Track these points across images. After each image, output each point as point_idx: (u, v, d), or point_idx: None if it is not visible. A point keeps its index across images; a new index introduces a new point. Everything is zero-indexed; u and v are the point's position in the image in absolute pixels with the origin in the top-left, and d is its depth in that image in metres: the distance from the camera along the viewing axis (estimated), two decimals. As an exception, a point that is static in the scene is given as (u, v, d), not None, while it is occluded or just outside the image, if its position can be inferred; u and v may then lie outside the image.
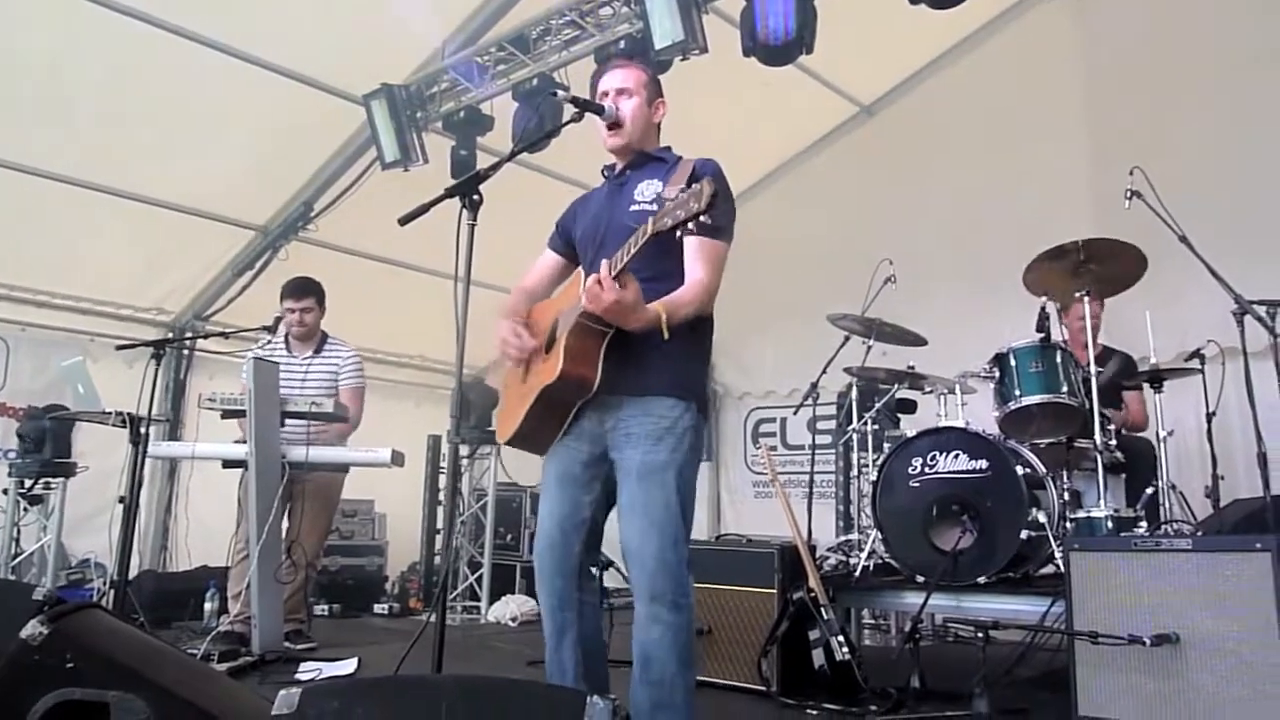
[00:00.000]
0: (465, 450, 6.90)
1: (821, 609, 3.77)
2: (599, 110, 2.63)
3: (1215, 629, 2.90)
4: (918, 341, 4.94)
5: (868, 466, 4.84)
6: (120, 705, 1.90)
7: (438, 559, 6.90)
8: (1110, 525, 3.84)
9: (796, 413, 5.68)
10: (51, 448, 5.44)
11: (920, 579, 3.99)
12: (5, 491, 5.57)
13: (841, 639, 3.69)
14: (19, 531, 5.60)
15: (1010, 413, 4.19)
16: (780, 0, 4.43)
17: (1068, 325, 4.88)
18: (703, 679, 3.70)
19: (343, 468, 5.02)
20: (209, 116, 5.78)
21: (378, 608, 6.87)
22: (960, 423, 4.18)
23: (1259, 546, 2.90)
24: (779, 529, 4.33)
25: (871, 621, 5.52)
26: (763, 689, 3.83)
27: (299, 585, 4.87)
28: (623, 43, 4.99)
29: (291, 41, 5.52)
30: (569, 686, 2.47)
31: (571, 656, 2.53)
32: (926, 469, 4.10)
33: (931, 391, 4.68)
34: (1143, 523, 3.99)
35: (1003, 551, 3.83)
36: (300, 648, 4.76)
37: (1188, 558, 3.02)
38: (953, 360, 4.76)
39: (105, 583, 5.52)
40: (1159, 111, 5.75)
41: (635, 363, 2.43)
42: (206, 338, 6.22)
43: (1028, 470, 3.94)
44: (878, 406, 4.98)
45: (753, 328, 7.16)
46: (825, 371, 5.00)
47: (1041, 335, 4.16)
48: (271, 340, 5.17)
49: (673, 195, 2.19)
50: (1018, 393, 4.15)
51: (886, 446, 4.64)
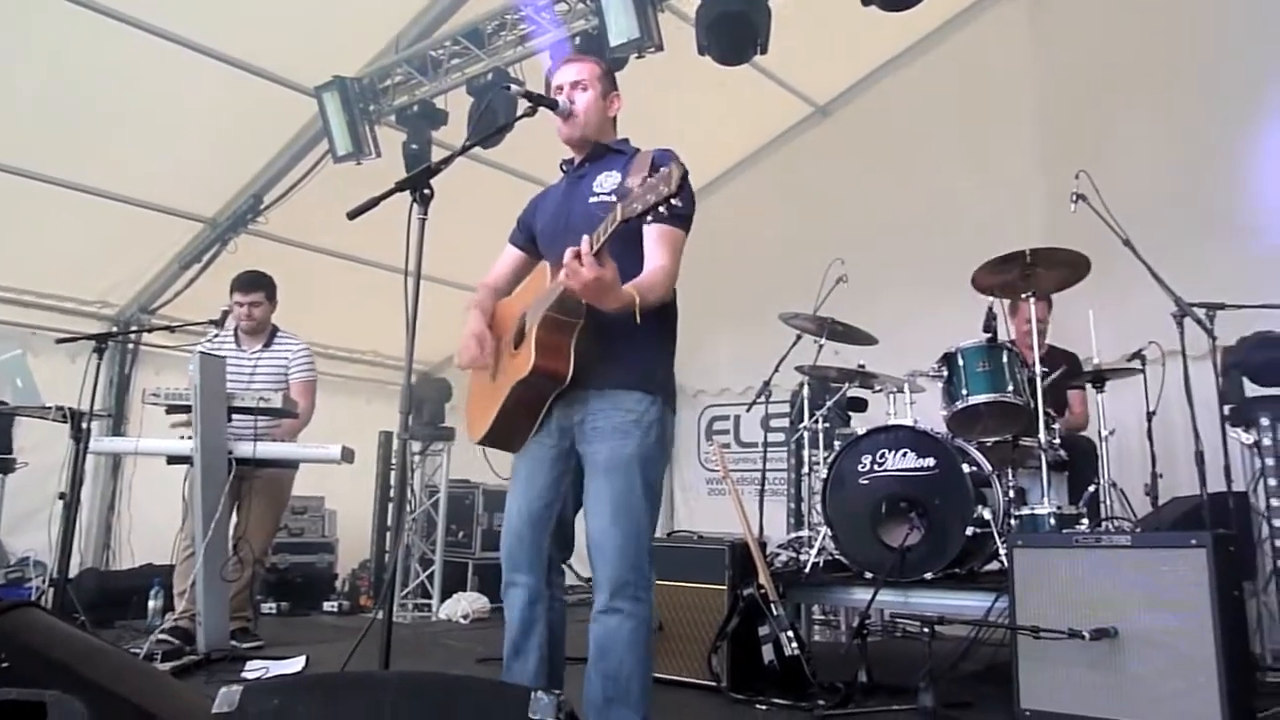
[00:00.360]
0: (417, 447, 6.85)
1: (771, 605, 3.80)
2: (553, 105, 2.62)
3: (1152, 623, 2.98)
4: (868, 340, 5.00)
5: (819, 464, 4.89)
6: (57, 705, 1.86)
7: (388, 556, 6.84)
8: (1053, 522, 3.91)
9: (749, 410, 5.73)
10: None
11: (869, 575, 4.04)
12: (-60, 488, 5.43)
13: (791, 635, 3.72)
14: (-45, 529, 5.47)
15: (958, 411, 4.25)
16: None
17: (1015, 327, 4.96)
18: (654, 675, 3.70)
19: (292, 464, 4.95)
20: (157, 106, 5.66)
21: (327, 606, 6.79)
22: (909, 421, 4.24)
23: (1194, 543, 2.98)
24: (731, 526, 4.35)
25: (821, 617, 5.57)
26: (713, 684, 3.84)
27: (245, 583, 4.80)
28: (578, 39, 4.98)
29: (242, 31, 5.42)
30: (517, 683, 2.46)
31: (535, 650, 2.52)
32: (876, 467, 4.15)
33: (881, 390, 4.74)
34: (1084, 520, 4.08)
35: (949, 548, 3.89)
36: (247, 646, 4.69)
37: (1127, 554, 3.10)
38: (902, 359, 4.81)
39: (45, 581, 5.39)
40: (1107, 115, 5.87)
41: (603, 356, 2.43)
42: (151, 331, 6.11)
43: (974, 468, 4.01)
44: (829, 405, 5.03)
45: (707, 325, 7.17)
46: (778, 370, 5.03)
47: (989, 335, 4.23)
48: (219, 334, 5.09)
49: (638, 182, 2.18)
50: (965, 392, 4.22)
51: (837, 444, 4.69)
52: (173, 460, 4.59)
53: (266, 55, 5.65)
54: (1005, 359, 4.22)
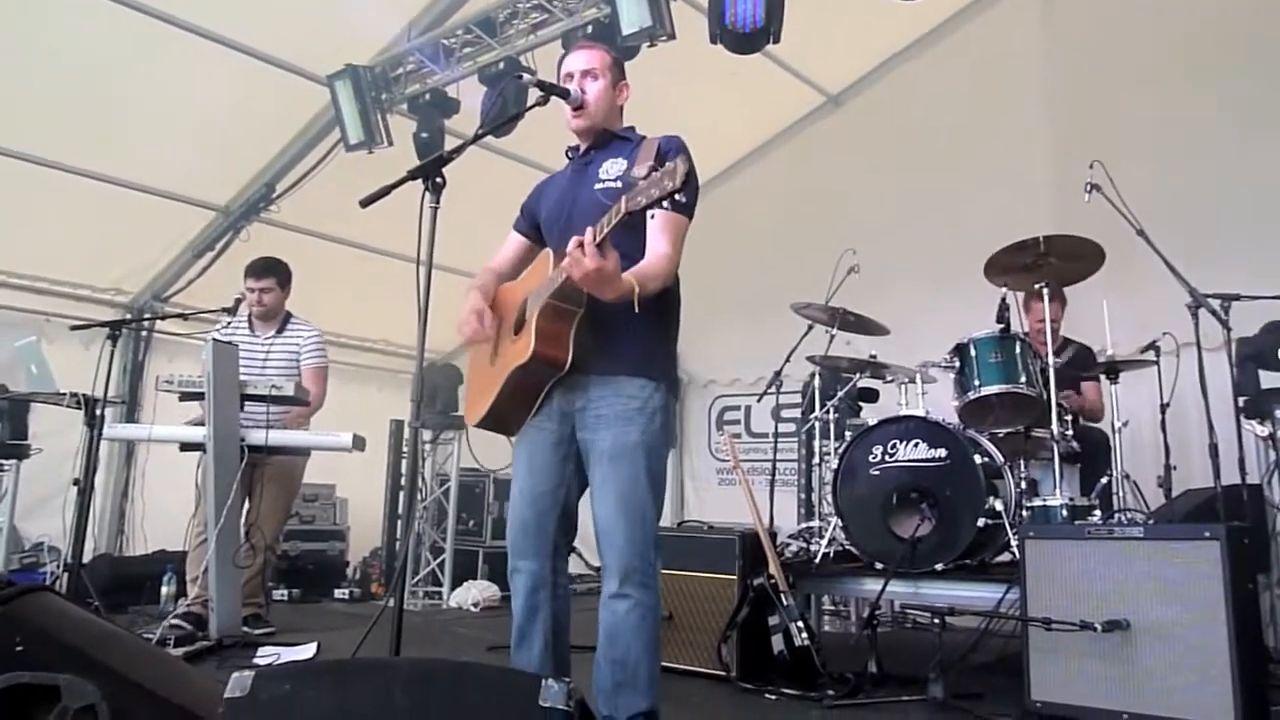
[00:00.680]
0: (428, 435, 6.86)
1: (781, 595, 3.80)
2: (564, 94, 2.62)
3: (1165, 615, 2.96)
4: (880, 331, 4.98)
5: (829, 454, 4.88)
6: (70, 688, 1.88)
7: (399, 544, 6.87)
8: (1065, 514, 3.89)
9: (760, 400, 5.71)
10: (6, 429, 5.34)
11: (879, 566, 4.03)
12: (-43, 474, 5.47)
13: (801, 625, 3.72)
14: (-30, 514, 5.51)
15: (969, 402, 4.23)
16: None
17: (1028, 323, 4.93)
18: (663, 664, 3.67)
19: (304, 451, 4.97)
20: (171, 95, 5.67)
21: (338, 593, 6.82)
22: (920, 412, 4.23)
23: (1208, 535, 2.96)
24: (741, 516, 4.34)
25: (831, 608, 5.58)
26: (722, 674, 3.85)
27: (257, 569, 4.82)
28: (590, 27, 4.97)
29: (255, 20, 5.43)
30: (529, 671, 2.47)
31: (540, 637, 2.52)
32: (887, 457, 4.14)
33: (893, 381, 4.73)
34: (1097, 511, 4.06)
35: (960, 539, 3.87)
36: (258, 632, 4.72)
37: (1139, 545, 3.08)
38: (914, 350, 4.81)
39: (59, 566, 5.43)
40: (1121, 105, 5.81)
41: (604, 342, 2.45)
42: (165, 319, 6.13)
43: (986, 459, 3.99)
44: (840, 395, 5.01)
45: (718, 315, 7.15)
46: (789, 360, 5.03)
47: (1001, 326, 4.21)
48: (233, 321, 5.10)
49: (643, 173, 2.20)
50: (977, 382, 4.20)
51: (848, 435, 4.68)
52: (186, 447, 4.62)
53: (279, 44, 5.66)
54: (1018, 350, 4.19)
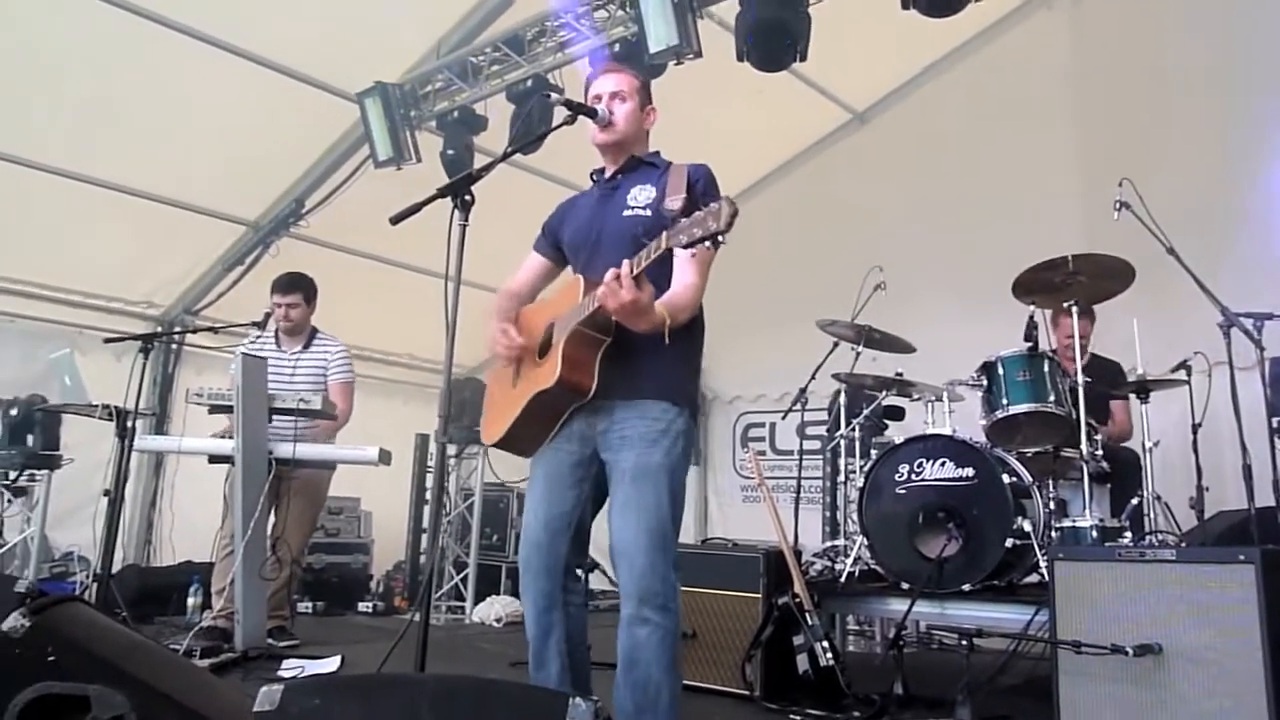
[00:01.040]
0: (453, 450, 6.88)
1: (806, 614, 3.77)
2: (591, 113, 2.64)
3: (1198, 640, 2.91)
4: (906, 349, 4.95)
5: (855, 472, 4.85)
6: (101, 699, 1.90)
7: (423, 558, 6.88)
8: (1095, 535, 3.85)
9: (785, 418, 5.70)
10: (39, 440, 5.42)
11: (905, 586, 3.99)
12: (-11, 483, 5.55)
13: (826, 644, 3.69)
14: (2, 523, 5.58)
15: (997, 421, 4.19)
16: None
17: (1056, 339, 4.89)
18: (686, 682, 3.67)
19: (330, 465, 5.00)
20: (203, 111, 5.76)
21: (362, 606, 6.83)
22: (947, 430, 4.20)
23: (1242, 558, 2.90)
24: (766, 534, 4.33)
25: (856, 627, 5.53)
26: (746, 693, 3.82)
27: (283, 582, 4.85)
28: (617, 46, 4.99)
29: (286, 37, 5.50)
30: (552, 688, 2.47)
31: (556, 658, 2.52)
32: (913, 476, 4.10)
33: (919, 399, 4.70)
34: (1127, 533, 4.00)
35: (988, 559, 3.83)
36: (283, 645, 4.74)
37: (1171, 569, 3.02)
38: (941, 368, 4.77)
39: (88, 576, 5.49)
40: (1150, 123, 5.78)
41: (630, 370, 2.45)
42: (195, 332, 6.20)
43: (1014, 479, 3.95)
44: (866, 413, 4.98)
45: (744, 332, 7.13)
46: (814, 377, 5.01)
47: (1029, 344, 4.18)
48: (261, 335, 5.15)
49: (677, 206, 2.21)
50: (1005, 401, 4.16)
51: (873, 453, 4.65)
52: (214, 459, 4.65)
53: (310, 62, 5.74)
54: (1046, 368, 4.16)
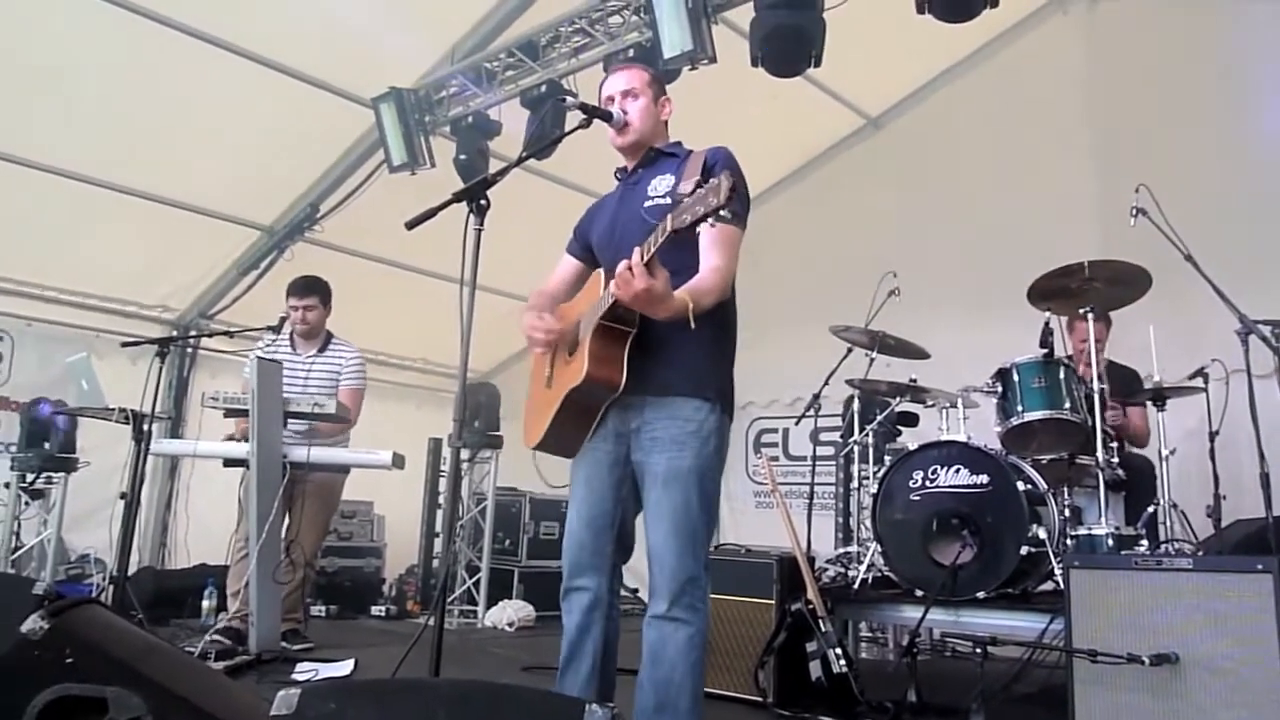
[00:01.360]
0: (465, 454, 6.89)
1: (819, 621, 3.76)
2: (606, 116, 2.64)
3: (1215, 649, 2.89)
4: (921, 354, 4.94)
5: (868, 479, 4.83)
6: (118, 701, 1.91)
7: (436, 562, 6.89)
8: (1111, 543, 3.82)
9: (798, 423, 5.69)
10: (56, 443, 5.46)
11: (919, 593, 3.97)
12: (7, 485, 5.59)
13: (839, 651, 3.68)
14: (19, 525, 5.63)
15: (1012, 428, 4.18)
16: None
17: (1072, 345, 4.87)
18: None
19: (343, 469, 5.02)
20: (217, 115, 5.80)
21: (374, 609, 6.85)
22: (962, 437, 4.18)
23: (1260, 568, 2.88)
24: (779, 540, 4.32)
25: (869, 634, 5.50)
26: (759, 699, 3.82)
27: (297, 585, 4.86)
28: (631, 51, 5.00)
29: (301, 43, 5.54)
30: (575, 690, 2.47)
31: (589, 657, 2.51)
32: (927, 483, 4.09)
33: (934, 405, 4.68)
34: (1143, 541, 3.98)
35: (1002, 567, 3.81)
36: (297, 648, 4.75)
37: (1188, 577, 3.00)
38: (955, 374, 4.75)
39: (104, 578, 5.52)
40: (1166, 129, 5.75)
41: (659, 362, 2.44)
42: (211, 336, 6.23)
43: (1029, 486, 3.93)
44: (879, 419, 4.97)
45: (757, 337, 6.99)
46: (827, 383, 4.99)
47: (1045, 351, 4.16)
48: (276, 339, 5.17)
49: (688, 190, 2.19)
50: (1020, 408, 4.15)
51: (887, 459, 4.63)
52: (229, 463, 4.68)
53: (325, 67, 5.77)
54: (1062, 375, 4.14)
